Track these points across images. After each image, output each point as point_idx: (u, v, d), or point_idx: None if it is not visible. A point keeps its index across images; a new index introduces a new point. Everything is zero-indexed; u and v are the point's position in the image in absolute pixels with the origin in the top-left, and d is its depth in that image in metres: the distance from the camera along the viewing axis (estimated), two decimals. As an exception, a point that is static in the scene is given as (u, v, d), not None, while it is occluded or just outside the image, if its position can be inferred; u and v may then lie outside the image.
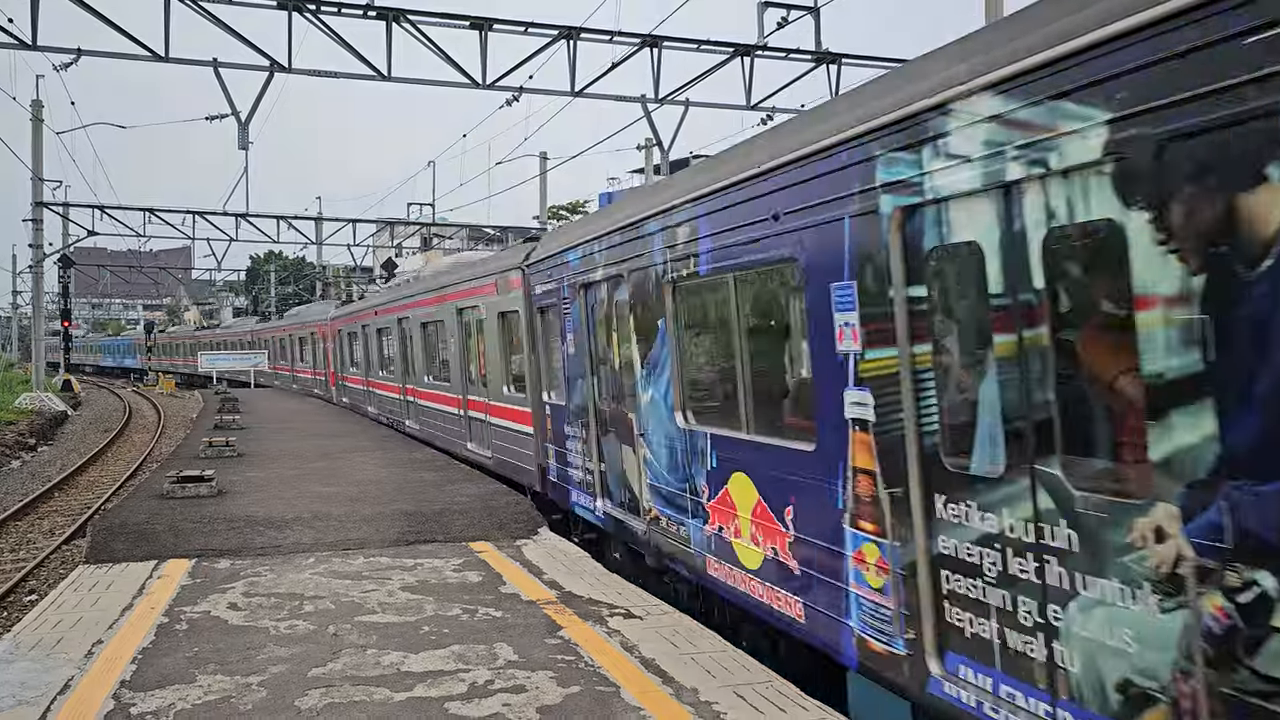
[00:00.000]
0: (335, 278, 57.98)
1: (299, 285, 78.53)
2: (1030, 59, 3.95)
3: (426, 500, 11.76)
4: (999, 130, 4.15)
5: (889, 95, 4.94)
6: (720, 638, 6.73)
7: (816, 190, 5.49)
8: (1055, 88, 3.85)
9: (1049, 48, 3.86)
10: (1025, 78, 4.00)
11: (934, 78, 4.58)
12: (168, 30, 18.65)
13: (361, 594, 7.86)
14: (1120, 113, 3.57)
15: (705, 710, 5.34)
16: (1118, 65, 3.56)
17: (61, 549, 14.41)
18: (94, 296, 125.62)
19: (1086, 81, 3.70)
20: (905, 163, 4.74)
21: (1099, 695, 3.88)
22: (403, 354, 20.81)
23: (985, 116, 4.23)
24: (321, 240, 44.78)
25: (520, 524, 10.57)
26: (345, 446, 18.11)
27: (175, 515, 10.80)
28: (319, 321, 33.69)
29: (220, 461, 15.68)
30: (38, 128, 39.77)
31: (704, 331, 7.65)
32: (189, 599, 7.81)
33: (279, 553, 9.43)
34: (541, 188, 42.28)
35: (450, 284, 16.65)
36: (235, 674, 6.00)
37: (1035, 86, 3.95)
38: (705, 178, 6.98)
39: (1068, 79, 3.78)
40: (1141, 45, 3.48)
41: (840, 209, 5.27)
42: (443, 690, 5.67)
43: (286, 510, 11.17)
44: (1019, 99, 4.04)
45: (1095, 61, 3.66)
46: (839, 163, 5.27)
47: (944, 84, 4.46)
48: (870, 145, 4.99)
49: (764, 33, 20.75)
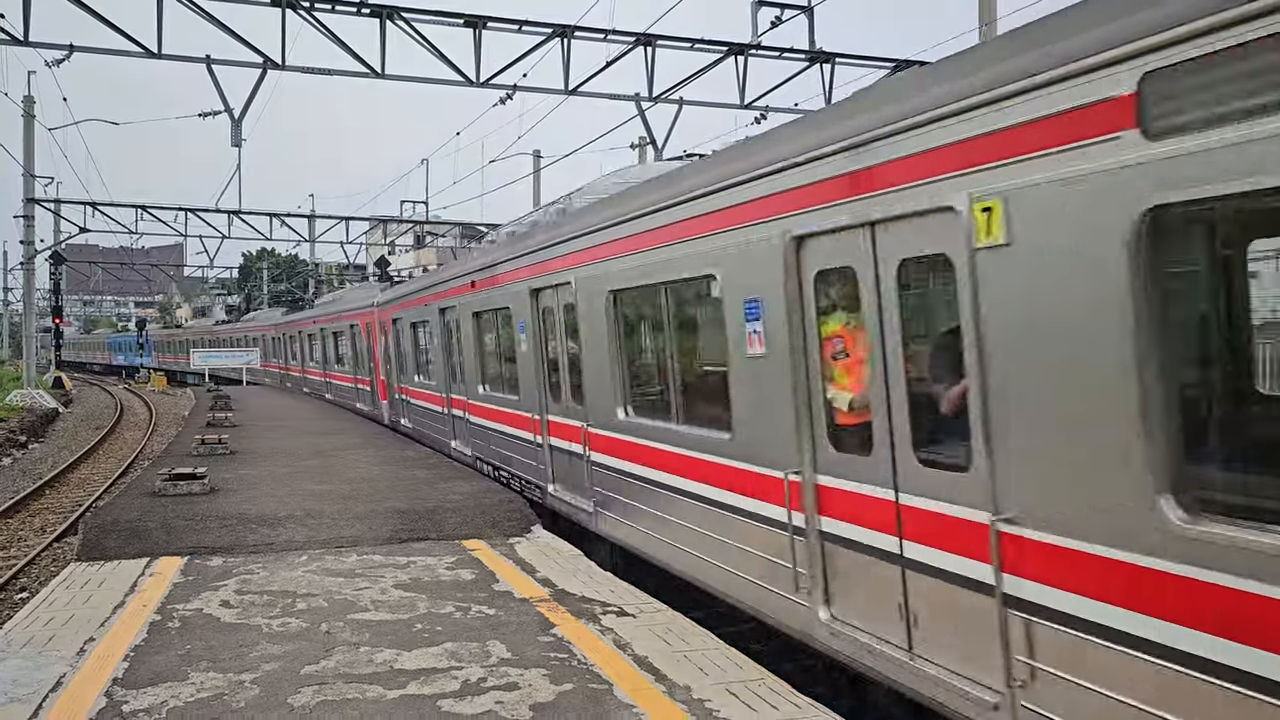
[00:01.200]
0: (328, 275, 57.95)
1: (291, 283, 78.35)
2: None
3: (419, 498, 11.75)
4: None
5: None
6: (713, 635, 6.75)
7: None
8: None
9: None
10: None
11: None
12: (160, 26, 18.60)
13: (354, 592, 7.86)
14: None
15: (698, 708, 5.35)
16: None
17: (53, 546, 14.38)
18: (86, 293, 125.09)
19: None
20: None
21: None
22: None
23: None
24: (314, 238, 44.69)
25: (513, 522, 10.57)
26: (338, 444, 18.07)
27: (167, 513, 10.78)
28: (362, 309, 24.51)
29: (213, 459, 15.64)
30: (29, 124, 39.66)
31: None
32: (181, 596, 7.80)
33: (271, 550, 9.43)
34: (535, 186, 42.27)
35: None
36: (228, 671, 6.00)
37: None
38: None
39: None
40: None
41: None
42: (436, 688, 5.68)
43: (279, 508, 11.15)
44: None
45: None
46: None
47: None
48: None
49: (758, 32, 20.77)
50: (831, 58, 22.43)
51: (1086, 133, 3.98)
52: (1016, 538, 4.48)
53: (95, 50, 19.24)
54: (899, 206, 5.08)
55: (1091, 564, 4.13)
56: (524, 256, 11.44)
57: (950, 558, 4.94)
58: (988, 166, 4.49)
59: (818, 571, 5.99)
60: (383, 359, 22.02)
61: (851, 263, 5.56)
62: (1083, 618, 4.17)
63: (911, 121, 4.93)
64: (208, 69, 19.78)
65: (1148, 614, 3.89)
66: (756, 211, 6.44)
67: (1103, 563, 4.08)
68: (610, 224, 8.90)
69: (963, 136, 4.63)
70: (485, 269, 13.19)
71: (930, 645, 5.14)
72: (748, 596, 6.91)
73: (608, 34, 21.09)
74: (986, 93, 4.46)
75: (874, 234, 5.33)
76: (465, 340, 14.55)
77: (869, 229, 5.36)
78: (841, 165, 5.51)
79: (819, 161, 5.72)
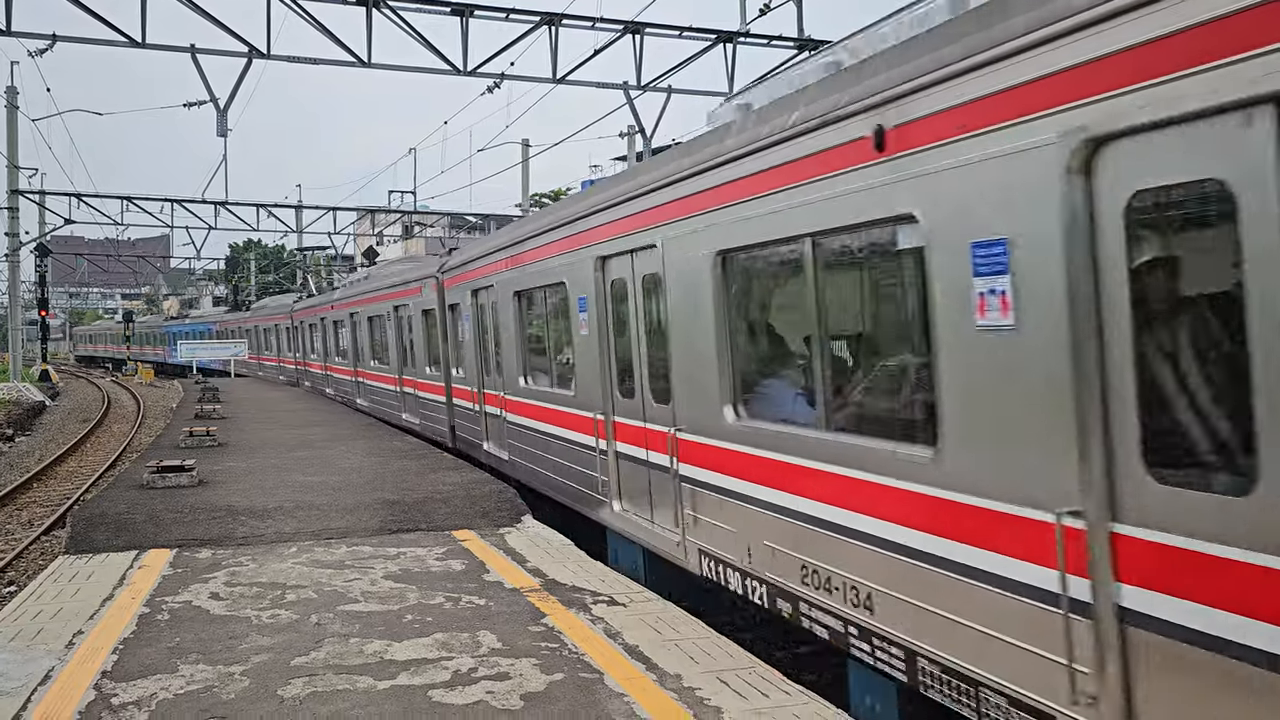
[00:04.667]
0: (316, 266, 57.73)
1: (279, 274, 78.01)
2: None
3: (409, 489, 11.73)
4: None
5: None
6: (703, 624, 6.76)
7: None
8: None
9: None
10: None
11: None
12: (144, 16, 18.44)
13: (344, 583, 7.85)
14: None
15: (689, 696, 5.36)
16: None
17: (41, 540, 14.31)
18: (71, 285, 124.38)
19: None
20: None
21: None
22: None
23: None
24: (302, 228, 44.50)
25: (503, 512, 10.56)
26: (327, 436, 18.03)
27: (156, 505, 10.74)
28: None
29: (201, 451, 15.59)
30: (12, 114, 39.41)
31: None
32: (170, 589, 7.77)
33: (261, 542, 9.40)
34: (524, 175, 42.14)
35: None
36: (217, 663, 5.98)
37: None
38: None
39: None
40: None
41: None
42: (426, 678, 5.67)
43: (268, 500, 11.12)
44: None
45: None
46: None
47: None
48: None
49: (746, 19, 20.74)
50: (820, 45, 22.40)
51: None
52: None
53: (78, 40, 19.06)
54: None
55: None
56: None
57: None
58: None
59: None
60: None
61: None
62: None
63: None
64: (192, 59, 19.61)
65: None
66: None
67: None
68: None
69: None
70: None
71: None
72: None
73: (596, 22, 21.00)
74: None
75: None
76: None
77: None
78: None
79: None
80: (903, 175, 4.86)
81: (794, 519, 6.09)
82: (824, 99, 5.58)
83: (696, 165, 7.00)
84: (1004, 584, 4.36)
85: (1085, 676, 3.95)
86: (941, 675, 4.81)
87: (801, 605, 6.06)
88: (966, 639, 4.61)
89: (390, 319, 20.52)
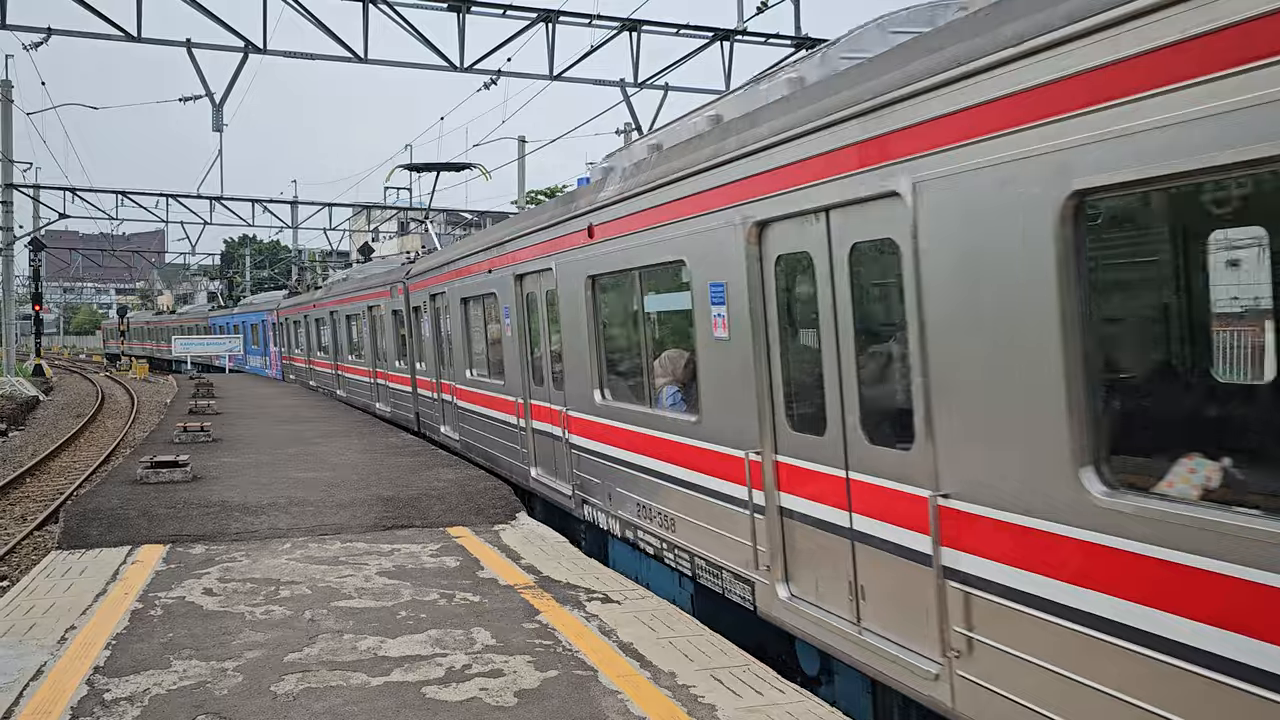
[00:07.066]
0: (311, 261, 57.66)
1: (274, 269, 77.90)
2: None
3: (403, 485, 11.72)
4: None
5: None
6: (698, 622, 6.76)
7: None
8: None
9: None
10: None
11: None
12: (140, 10, 18.39)
13: (338, 579, 7.83)
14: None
15: (683, 693, 5.36)
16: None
17: (34, 535, 14.27)
18: (66, 280, 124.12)
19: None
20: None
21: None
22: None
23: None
24: (297, 224, 44.40)
25: (498, 509, 10.56)
26: (321, 432, 18.00)
27: (149, 501, 10.71)
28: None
29: (195, 447, 15.55)
30: (7, 108, 39.23)
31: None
32: (164, 584, 7.75)
33: (255, 538, 9.38)
34: (520, 172, 42.10)
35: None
36: (211, 659, 5.97)
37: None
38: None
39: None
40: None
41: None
42: (420, 675, 5.67)
43: (262, 496, 11.10)
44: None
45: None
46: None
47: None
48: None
49: (744, 17, 20.72)
50: (818, 43, 22.39)
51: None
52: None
53: (74, 33, 19.01)
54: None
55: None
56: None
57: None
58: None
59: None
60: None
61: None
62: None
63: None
64: (188, 53, 19.59)
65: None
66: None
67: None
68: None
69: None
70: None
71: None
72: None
73: (593, 19, 20.97)
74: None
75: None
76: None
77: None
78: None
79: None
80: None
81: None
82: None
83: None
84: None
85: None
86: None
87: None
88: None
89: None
